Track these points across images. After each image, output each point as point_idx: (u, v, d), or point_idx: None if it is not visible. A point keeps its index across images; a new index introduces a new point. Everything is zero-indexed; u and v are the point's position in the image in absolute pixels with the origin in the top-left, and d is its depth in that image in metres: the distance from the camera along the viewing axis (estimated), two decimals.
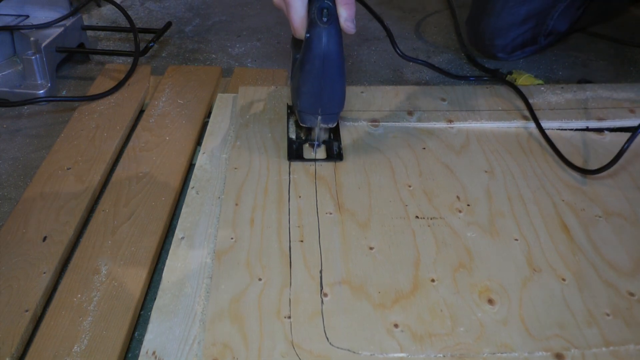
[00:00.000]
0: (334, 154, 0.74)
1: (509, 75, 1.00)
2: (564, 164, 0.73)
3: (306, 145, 0.75)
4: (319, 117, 0.69)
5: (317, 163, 0.72)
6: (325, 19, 0.62)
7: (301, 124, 0.72)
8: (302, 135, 0.77)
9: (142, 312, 0.62)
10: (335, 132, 0.77)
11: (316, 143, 0.74)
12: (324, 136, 0.75)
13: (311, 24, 0.63)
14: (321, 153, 0.74)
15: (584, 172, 0.72)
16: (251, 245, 0.61)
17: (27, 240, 0.66)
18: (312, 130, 0.73)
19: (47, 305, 0.61)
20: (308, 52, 0.64)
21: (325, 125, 0.71)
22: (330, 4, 0.63)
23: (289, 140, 0.76)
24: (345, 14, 0.63)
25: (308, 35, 0.63)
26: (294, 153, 0.74)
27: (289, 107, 0.83)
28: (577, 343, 0.52)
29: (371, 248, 0.61)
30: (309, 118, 0.70)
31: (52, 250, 0.65)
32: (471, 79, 0.87)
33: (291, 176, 0.71)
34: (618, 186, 0.70)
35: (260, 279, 0.57)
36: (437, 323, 0.53)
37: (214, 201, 0.69)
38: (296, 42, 0.69)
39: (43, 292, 0.61)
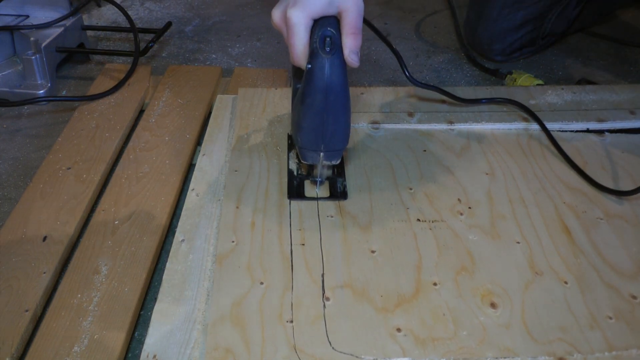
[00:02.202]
0: (338, 192, 0.68)
1: (509, 75, 1.01)
2: (595, 187, 0.70)
3: (308, 181, 0.70)
4: (321, 154, 0.63)
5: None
6: (328, 49, 0.57)
7: (302, 161, 0.66)
8: (303, 171, 0.71)
9: (142, 312, 0.62)
10: (339, 168, 0.71)
11: (318, 180, 0.68)
12: (327, 173, 0.69)
13: (313, 53, 0.58)
14: (324, 190, 0.69)
15: (619, 193, 0.68)
16: (252, 249, 0.61)
17: (27, 240, 0.66)
18: (315, 166, 0.67)
19: (47, 305, 0.61)
20: (309, 85, 0.58)
21: (328, 163, 0.65)
22: (335, 32, 0.57)
23: (289, 173, 0.70)
24: (351, 44, 0.57)
25: (309, 65, 0.58)
26: (295, 191, 0.68)
27: (289, 138, 0.77)
28: (580, 347, 0.52)
29: (373, 251, 0.61)
30: (311, 155, 0.64)
31: (52, 250, 0.65)
32: (483, 101, 0.84)
33: None
34: None
35: (261, 283, 0.57)
36: (439, 327, 0.53)
37: (214, 203, 0.68)
38: (297, 71, 0.64)
39: (43, 292, 0.61)
